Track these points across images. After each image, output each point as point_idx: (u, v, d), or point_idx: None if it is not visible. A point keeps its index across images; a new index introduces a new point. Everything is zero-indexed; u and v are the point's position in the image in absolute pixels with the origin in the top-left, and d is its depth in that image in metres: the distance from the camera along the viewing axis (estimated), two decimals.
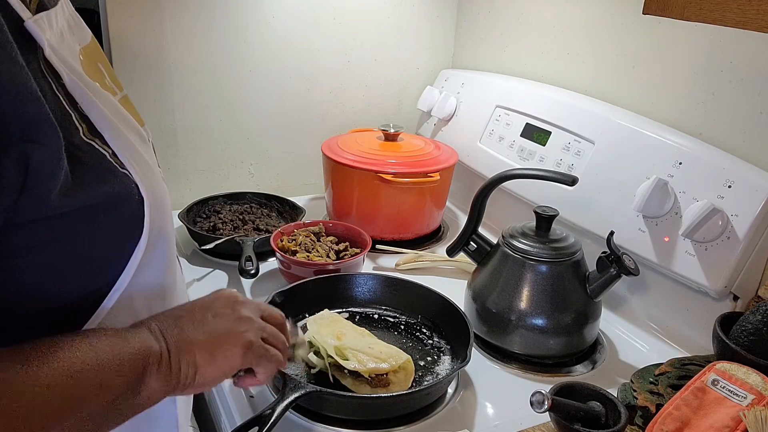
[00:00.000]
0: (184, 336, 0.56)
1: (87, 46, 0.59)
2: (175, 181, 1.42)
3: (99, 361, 0.49)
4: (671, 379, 0.83)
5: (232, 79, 1.41)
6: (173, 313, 0.59)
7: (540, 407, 0.71)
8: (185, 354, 0.56)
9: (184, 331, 0.57)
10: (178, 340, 0.56)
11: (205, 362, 0.57)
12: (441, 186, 1.28)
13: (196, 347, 0.57)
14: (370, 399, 0.80)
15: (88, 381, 0.48)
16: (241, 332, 0.61)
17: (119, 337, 0.52)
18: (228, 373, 0.61)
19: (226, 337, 0.60)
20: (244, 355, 0.61)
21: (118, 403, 0.51)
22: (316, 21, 1.44)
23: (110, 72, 0.62)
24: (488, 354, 0.97)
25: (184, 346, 0.56)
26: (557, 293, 0.93)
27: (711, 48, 1.00)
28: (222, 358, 0.59)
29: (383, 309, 1.04)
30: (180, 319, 0.57)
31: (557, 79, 1.31)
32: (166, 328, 0.56)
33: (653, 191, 0.96)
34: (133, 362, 0.51)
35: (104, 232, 0.51)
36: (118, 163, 0.51)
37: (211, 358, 0.57)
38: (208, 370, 0.57)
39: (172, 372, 0.55)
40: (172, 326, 0.56)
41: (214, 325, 0.59)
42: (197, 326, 0.58)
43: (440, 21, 1.59)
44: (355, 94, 1.56)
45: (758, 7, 0.59)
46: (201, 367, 0.57)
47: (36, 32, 0.46)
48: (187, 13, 1.31)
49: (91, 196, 0.48)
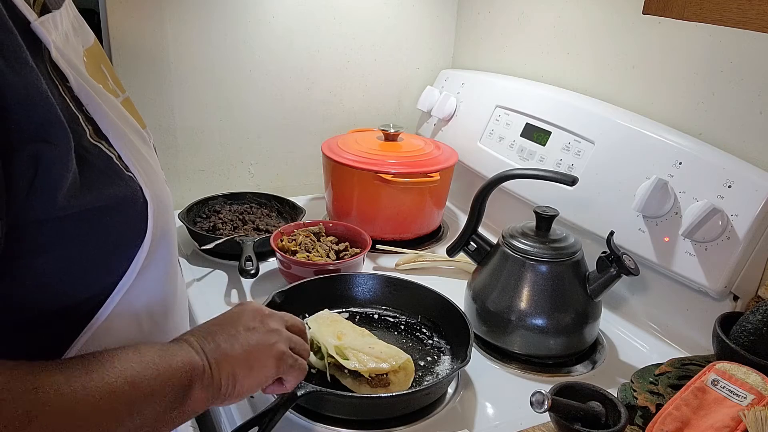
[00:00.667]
0: (221, 350, 0.59)
1: (90, 49, 0.59)
2: (175, 181, 1.42)
3: (152, 371, 0.51)
4: (671, 379, 0.83)
5: (232, 79, 1.41)
6: (206, 328, 0.61)
7: (540, 407, 0.71)
8: (224, 367, 0.58)
9: (220, 345, 0.59)
10: (217, 355, 0.58)
11: (243, 374, 0.60)
12: (441, 186, 1.28)
13: (234, 361, 0.59)
14: (370, 399, 0.80)
15: (144, 388, 0.50)
16: (272, 344, 0.64)
17: (166, 349, 0.55)
18: (263, 383, 0.64)
19: (260, 349, 0.62)
20: (277, 365, 0.64)
21: (167, 411, 0.53)
22: (316, 21, 1.44)
23: (113, 74, 0.63)
24: (488, 354, 0.97)
25: (222, 360, 0.58)
26: (557, 293, 0.93)
27: (711, 48, 1.00)
28: (258, 369, 0.62)
29: (383, 309, 1.04)
30: (214, 335, 0.60)
31: (557, 79, 1.31)
32: (204, 344, 0.58)
33: (653, 191, 0.96)
34: (181, 374, 0.54)
35: (109, 234, 0.51)
36: (123, 166, 0.51)
37: (248, 370, 0.60)
38: (246, 381, 0.60)
39: (214, 384, 0.57)
40: (209, 341, 0.59)
41: (246, 338, 0.62)
42: (232, 341, 0.60)
43: (440, 21, 1.59)
44: (355, 94, 1.56)
45: (758, 7, 0.59)
46: (240, 378, 0.59)
47: (42, 34, 0.46)
48: (187, 13, 1.31)
49: (97, 198, 0.48)
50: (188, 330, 0.61)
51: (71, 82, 0.48)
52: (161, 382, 0.52)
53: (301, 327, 0.72)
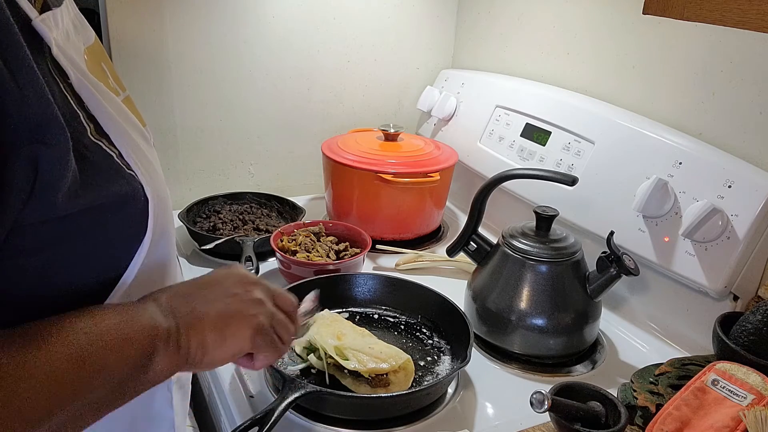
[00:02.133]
0: (195, 314, 0.55)
1: (91, 47, 0.59)
2: (175, 181, 1.42)
3: (104, 343, 0.48)
4: (671, 379, 0.83)
5: (232, 79, 1.41)
6: (184, 289, 0.57)
7: (540, 407, 0.71)
8: (195, 333, 0.55)
9: (195, 308, 0.56)
10: (189, 318, 0.55)
11: (214, 343, 0.56)
12: (441, 186, 1.28)
13: (207, 326, 0.56)
14: (370, 399, 0.80)
15: (93, 365, 0.46)
16: (252, 315, 0.59)
17: (125, 314, 0.51)
18: (236, 355, 0.60)
19: (238, 318, 0.58)
20: (253, 338, 0.59)
21: (124, 383, 0.50)
22: (316, 21, 1.44)
23: (113, 73, 0.62)
24: (488, 354, 0.97)
25: (194, 324, 0.55)
26: (557, 293, 0.93)
27: (711, 48, 1.00)
28: (232, 339, 0.58)
29: (383, 309, 1.04)
30: (191, 297, 0.57)
31: (557, 79, 1.31)
32: (177, 305, 0.55)
33: (653, 191, 0.96)
34: (140, 341, 0.50)
35: (110, 232, 0.51)
36: (125, 164, 0.51)
37: (221, 338, 0.56)
38: (217, 351, 0.56)
39: (180, 350, 0.54)
40: (182, 303, 0.55)
41: (225, 304, 0.58)
42: (209, 304, 0.57)
43: (440, 21, 1.59)
44: (355, 94, 1.56)
45: (758, 7, 0.59)
46: (210, 347, 0.56)
47: (44, 31, 0.46)
48: (187, 13, 1.31)
49: (98, 197, 0.48)
50: (164, 287, 0.57)
51: (72, 80, 0.48)
52: (116, 355, 0.48)
53: (290, 305, 0.66)
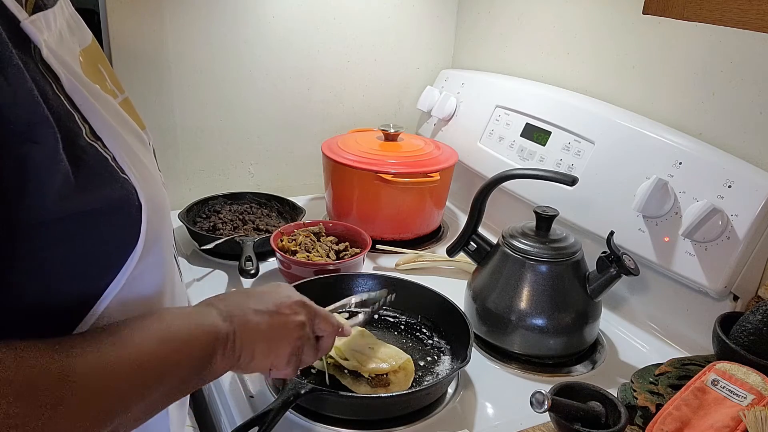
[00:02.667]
0: (249, 323, 0.60)
1: (87, 48, 0.58)
2: (175, 181, 1.42)
3: (174, 344, 0.52)
4: (671, 379, 0.83)
5: (232, 79, 1.41)
6: (238, 298, 0.62)
7: (540, 407, 0.71)
8: (248, 340, 0.59)
9: (250, 319, 0.60)
10: (244, 326, 0.59)
11: (261, 353, 0.61)
12: (441, 186, 1.28)
13: (258, 336, 0.60)
14: (370, 399, 0.80)
15: (164, 365, 0.51)
16: (295, 337, 0.65)
17: (190, 317, 0.56)
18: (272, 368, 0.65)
19: (283, 336, 0.63)
20: (289, 357, 0.65)
21: (185, 382, 0.54)
22: (316, 21, 1.44)
23: (111, 74, 0.62)
24: (488, 354, 0.97)
25: (248, 332, 0.59)
26: (557, 293, 0.93)
27: (711, 48, 1.00)
28: (275, 353, 0.63)
29: (383, 309, 1.04)
30: (245, 307, 0.61)
31: (557, 79, 1.31)
32: (234, 312, 0.59)
33: (653, 191, 0.96)
34: (205, 342, 0.55)
35: (102, 237, 0.50)
36: (119, 168, 0.50)
37: (267, 350, 0.62)
38: (261, 359, 0.61)
39: (234, 353, 0.58)
40: (238, 311, 0.59)
41: (274, 320, 0.63)
42: (261, 317, 0.62)
43: (440, 21, 1.59)
44: (355, 94, 1.56)
45: (758, 7, 0.59)
46: (258, 355, 0.61)
47: (32, 33, 0.45)
48: (187, 13, 1.31)
49: (91, 200, 0.48)
50: (218, 295, 0.62)
51: (63, 82, 0.47)
52: (183, 355, 0.53)
53: (330, 328, 0.72)
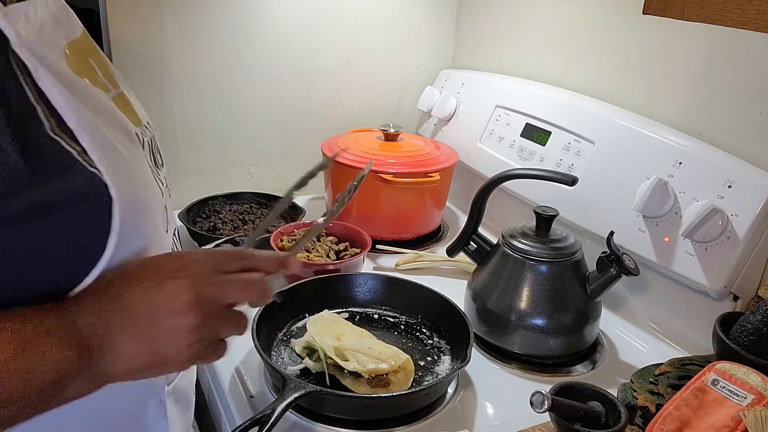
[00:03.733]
0: (115, 343, 0.49)
1: (76, 41, 0.57)
2: (175, 181, 1.42)
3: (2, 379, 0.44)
4: (671, 379, 0.83)
5: (232, 79, 1.41)
6: (107, 304, 0.49)
7: (540, 407, 0.72)
8: (117, 360, 0.49)
9: (115, 338, 0.49)
10: (108, 347, 0.49)
11: (142, 369, 0.51)
12: (441, 186, 1.28)
13: (131, 356, 0.50)
14: (370, 399, 0.80)
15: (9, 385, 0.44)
16: (183, 345, 0.51)
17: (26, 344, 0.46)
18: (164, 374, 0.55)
19: (168, 348, 0.51)
20: (184, 364, 0.54)
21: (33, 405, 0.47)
22: (316, 21, 1.44)
23: (104, 68, 0.61)
24: (488, 354, 0.97)
25: (116, 353, 0.49)
26: (557, 293, 0.93)
27: (711, 48, 1.00)
28: (163, 366, 0.52)
29: (383, 309, 1.04)
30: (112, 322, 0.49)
31: (557, 79, 1.31)
32: (95, 330, 0.48)
33: (653, 191, 0.96)
34: (46, 374, 0.46)
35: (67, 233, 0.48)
36: (88, 161, 0.49)
37: (149, 364, 0.51)
38: (147, 374, 0.52)
39: (100, 379, 0.49)
40: (100, 329, 0.48)
41: (150, 337, 0.50)
42: (131, 331, 0.49)
43: (440, 21, 1.59)
44: (355, 94, 1.56)
45: (758, 7, 0.59)
46: (138, 372, 0.51)
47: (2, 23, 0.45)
48: (187, 13, 1.31)
49: (48, 193, 0.46)
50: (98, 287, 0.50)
51: (33, 74, 0.47)
52: (16, 390, 0.45)
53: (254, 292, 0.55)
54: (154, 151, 0.65)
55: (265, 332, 0.91)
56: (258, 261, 0.56)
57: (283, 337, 0.96)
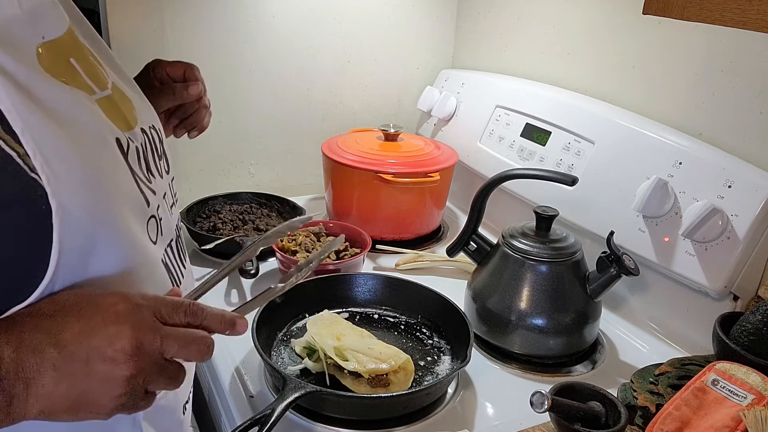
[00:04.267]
0: (40, 382, 0.46)
1: (56, 40, 0.54)
2: (175, 181, 1.42)
3: None
4: (671, 379, 0.83)
5: (232, 79, 1.41)
6: (39, 339, 0.46)
7: (540, 407, 0.72)
8: (33, 403, 0.46)
9: (45, 376, 0.46)
10: (33, 382, 0.45)
11: (59, 411, 0.48)
12: (441, 186, 1.28)
13: (53, 397, 0.47)
14: (370, 399, 0.80)
15: None
16: (114, 395, 0.48)
17: None
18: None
19: (95, 399, 0.48)
20: (111, 412, 0.50)
21: None
22: (316, 21, 1.44)
23: (91, 69, 0.58)
24: (488, 354, 0.97)
25: (35, 390, 0.46)
26: (557, 293, 0.93)
27: (711, 48, 1.00)
28: (84, 413, 0.49)
29: (383, 309, 1.04)
30: (39, 365, 0.45)
31: (557, 79, 1.31)
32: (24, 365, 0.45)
33: (653, 191, 0.96)
34: None
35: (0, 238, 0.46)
36: (29, 165, 0.46)
37: (68, 409, 0.48)
38: (62, 416, 0.48)
39: (13, 411, 0.45)
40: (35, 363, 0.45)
41: (86, 387, 0.47)
42: (68, 371, 0.46)
43: (440, 21, 1.59)
44: (355, 94, 1.56)
45: (758, 7, 0.59)
46: (53, 413, 0.48)
47: None
48: (187, 13, 1.31)
49: None
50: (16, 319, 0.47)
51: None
52: None
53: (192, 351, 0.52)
54: (147, 158, 0.62)
55: (265, 332, 0.91)
56: (206, 319, 0.54)
57: (283, 337, 0.96)
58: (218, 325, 0.55)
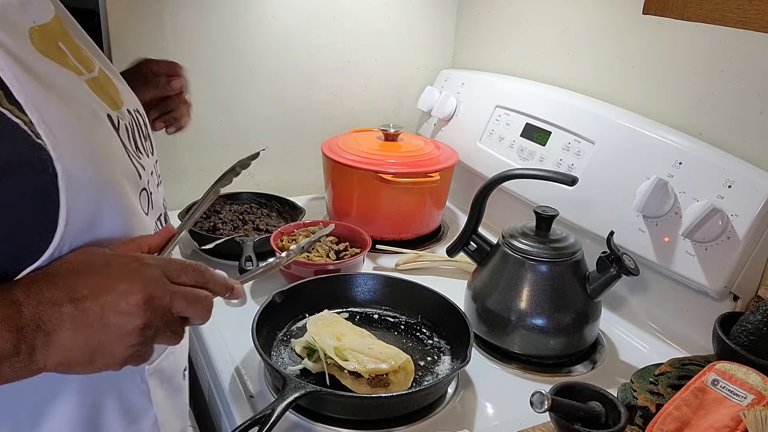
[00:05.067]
0: (58, 335, 0.49)
1: (45, 26, 0.57)
2: (175, 181, 1.42)
3: None
4: (671, 379, 0.83)
5: (232, 79, 1.41)
6: (55, 294, 0.50)
7: (540, 407, 0.71)
8: (54, 353, 0.49)
9: (63, 329, 0.49)
10: (53, 334, 0.49)
11: (80, 366, 0.51)
12: (441, 186, 1.28)
13: (71, 352, 0.50)
14: (370, 399, 0.80)
15: None
16: (127, 344, 0.52)
17: None
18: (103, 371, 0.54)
19: (109, 347, 0.51)
20: (122, 362, 0.53)
21: None
22: (316, 21, 1.44)
23: (77, 52, 0.61)
24: (488, 354, 0.97)
25: (55, 347, 0.49)
26: (557, 293, 0.93)
27: (711, 48, 1.00)
28: (98, 364, 0.52)
29: (383, 309, 1.04)
30: (56, 317, 0.49)
31: (557, 79, 1.31)
32: (43, 317, 0.48)
33: (653, 191, 0.96)
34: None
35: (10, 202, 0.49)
36: (35, 132, 0.49)
37: (84, 360, 0.51)
38: (77, 368, 0.52)
39: (33, 368, 0.49)
40: (52, 316, 0.49)
41: (100, 339, 0.51)
42: (83, 325, 0.50)
43: (440, 21, 1.59)
44: (355, 94, 1.56)
45: (758, 7, 0.59)
46: (69, 365, 0.51)
47: None
48: (187, 13, 1.31)
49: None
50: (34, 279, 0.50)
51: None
52: None
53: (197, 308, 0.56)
54: (136, 137, 0.65)
55: (265, 332, 0.91)
56: (210, 281, 0.58)
57: (283, 337, 0.96)
58: (220, 287, 0.59)
